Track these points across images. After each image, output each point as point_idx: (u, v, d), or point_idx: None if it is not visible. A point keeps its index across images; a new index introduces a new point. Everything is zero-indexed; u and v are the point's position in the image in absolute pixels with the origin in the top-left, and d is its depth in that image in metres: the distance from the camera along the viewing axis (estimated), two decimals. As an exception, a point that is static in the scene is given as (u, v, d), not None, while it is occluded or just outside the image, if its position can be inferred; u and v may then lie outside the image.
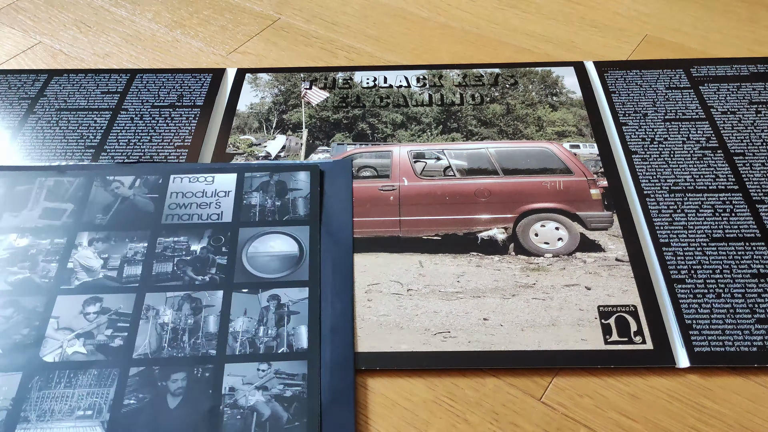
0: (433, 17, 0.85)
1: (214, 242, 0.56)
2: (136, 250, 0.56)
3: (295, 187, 0.61)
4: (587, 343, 0.50)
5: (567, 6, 0.86)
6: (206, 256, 0.56)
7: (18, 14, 0.87)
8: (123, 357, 0.50)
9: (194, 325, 0.51)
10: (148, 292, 0.53)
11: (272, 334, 0.51)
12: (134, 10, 0.87)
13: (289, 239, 0.57)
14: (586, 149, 0.65)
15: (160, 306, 0.53)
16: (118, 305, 0.53)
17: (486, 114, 0.70)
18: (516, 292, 0.54)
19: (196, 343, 0.50)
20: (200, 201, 0.60)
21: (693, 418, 0.47)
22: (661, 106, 0.69)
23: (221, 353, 0.50)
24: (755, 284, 0.53)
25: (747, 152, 0.64)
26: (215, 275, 0.55)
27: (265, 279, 0.54)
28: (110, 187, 0.61)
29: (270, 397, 0.47)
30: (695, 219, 0.58)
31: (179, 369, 0.49)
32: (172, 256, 0.56)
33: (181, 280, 0.54)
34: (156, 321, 0.52)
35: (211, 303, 0.53)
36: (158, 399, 0.47)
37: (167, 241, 0.57)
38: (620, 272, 0.55)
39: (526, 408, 0.48)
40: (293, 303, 0.53)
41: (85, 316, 0.52)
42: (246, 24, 0.84)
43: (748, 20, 0.82)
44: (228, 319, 0.52)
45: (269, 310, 0.52)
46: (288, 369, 0.49)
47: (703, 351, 0.50)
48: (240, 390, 0.48)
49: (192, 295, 0.53)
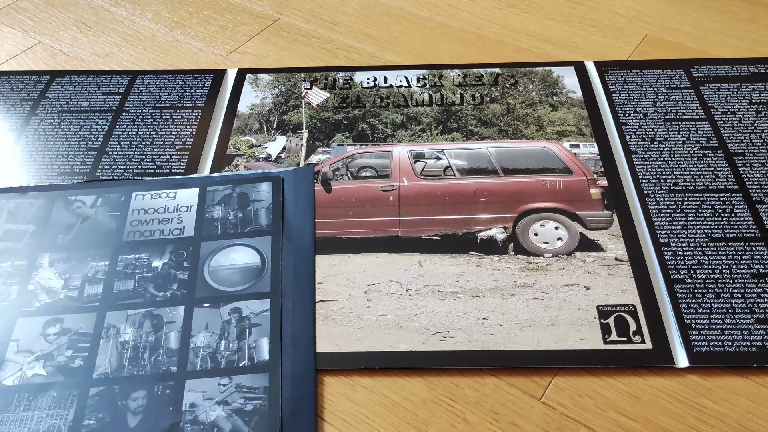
0: (433, 17, 0.85)
1: (175, 257, 0.56)
2: (97, 268, 0.56)
3: (257, 198, 0.61)
4: (586, 342, 0.50)
5: (567, 6, 0.86)
6: (168, 271, 0.56)
7: (18, 14, 0.87)
8: (83, 377, 0.49)
9: (155, 342, 0.51)
10: (109, 311, 0.53)
11: (233, 348, 0.51)
12: (134, 10, 0.88)
13: (250, 251, 0.57)
14: (586, 149, 0.66)
15: (121, 324, 0.52)
16: (78, 325, 0.52)
17: (486, 114, 0.70)
18: (515, 292, 0.54)
19: (157, 360, 0.50)
20: (162, 217, 0.60)
21: (693, 418, 0.47)
22: (661, 106, 0.69)
23: (182, 369, 0.49)
24: (755, 284, 0.54)
25: (747, 152, 0.64)
26: (177, 291, 0.54)
27: (227, 292, 0.54)
28: (72, 207, 0.61)
29: (231, 411, 0.47)
30: (695, 219, 0.58)
31: (140, 387, 0.49)
32: (133, 273, 0.56)
33: (143, 297, 0.54)
34: (117, 339, 0.51)
35: (173, 319, 0.53)
36: (118, 418, 0.47)
37: (128, 258, 0.57)
38: (620, 272, 0.55)
39: (526, 408, 0.48)
40: (255, 315, 0.53)
41: (45, 338, 0.52)
42: (246, 24, 0.84)
43: (748, 20, 0.82)
44: (189, 334, 0.51)
45: (231, 324, 0.52)
46: (249, 382, 0.48)
47: (703, 351, 0.50)
48: (200, 406, 0.47)
49: (153, 311, 0.53)
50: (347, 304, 0.54)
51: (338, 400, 0.49)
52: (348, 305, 0.54)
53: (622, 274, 0.55)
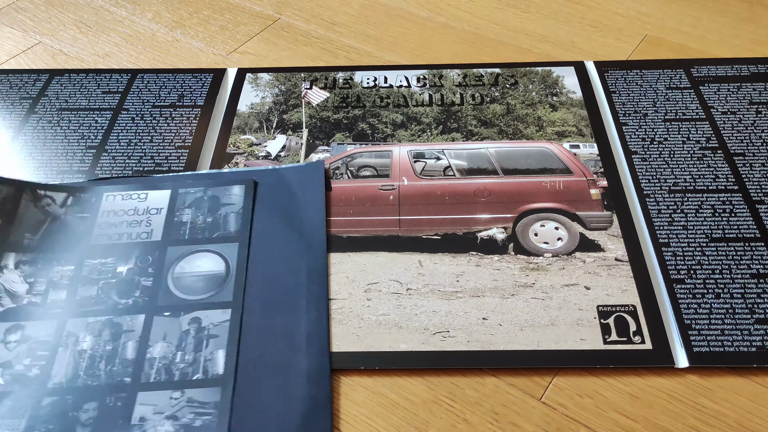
0: (433, 17, 0.85)
1: (140, 263, 0.54)
2: (63, 273, 0.54)
3: (228, 201, 0.59)
4: (586, 342, 0.50)
5: (567, 6, 0.86)
6: (131, 278, 0.53)
7: (18, 14, 0.87)
8: (38, 387, 0.47)
9: (112, 352, 0.49)
10: (70, 318, 0.51)
11: (189, 360, 0.49)
12: (134, 10, 0.87)
13: (216, 258, 0.55)
14: (586, 149, 0.66)
15: (80, 332, 0.50)
16: (39, 333, 0.50)
17: (486, 114, 0.70)
18: (515, 292, 0.54)
19: (112, 371, 0.48)
20: (131, 219, 0.57)
21: (693, 418, 0.47)
22: (661, 106, 0.69)
23: (136, 381, 0.48)
24: (754, 284, 0.53)
25: (747, 152, 0.64)
26: (138, 298, 0.52)
27: (188, 301, 0.52)
28: (41, 203, 0.57)
29: (179, 427, 0.45)
30: (695, 219, 0.58)
31: (92, 398, 0.47)
32: (97, 278, 0.53)
33: (104, 304, 0.52)
34: (75, 348, 0.49)
35: (132, 328, 0.51)
36: (67, 430, 0.45)
37: (94, 263, 0.54)
38: (619, 272, 0.55)
39: (526, 408, 0.48)
40: (214, 326, 0.51)
41: (5, 345, 0.50)
42: (246, 24, 0.84)
43: (748, 20, 0.82)
44: (147, 344, 0.50)
45: (189, 334, 0.50)
46: (200, 396, 0.47)
47: (702, 351, 0.50)
48: (150, 420, 0.46)
49: (113, 320, 0.51)
50: (347, 304, 0.54)
51: (338, 401, 0.49)
52: (348, 304, 0.54)
53: (622, 275, 0.55)
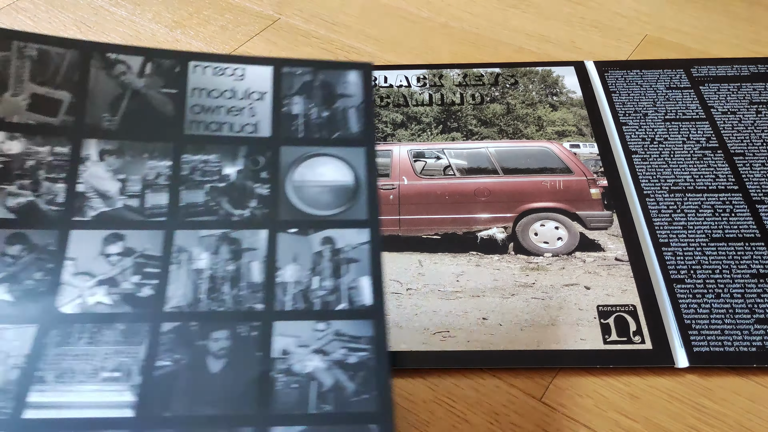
0: (433, 17, 0.85)
1: (251, 164, 0.44)
2: (159, 170, 0.44)
3: (345, 92, 0.47)
4: (586, 342, 0.50)
5: (567, 6, 0.86)
6: (243, 183, 0.44)
7: (18, 14, 0.87)
8: (154, 310, 0.40)
9: (235, 273, 0.41)
10: (177, 230, 0.42)
11: (329, 287, 0.41)
12: (134, 10, 0.87)
13: (341, 164, 0.45)
14: (586, 149, 0.66)
15: (193, 247, 0.42)
16: (144, 245, 0.42)
17: (486, 113, 0.70)
18: (515, 292, 0.54)
19: (238, 296, 0.41)
20: (230, 104, 0.46)
21: (693, 418, 0.47)
22: (662, 105, 0.69)
23: (269, 308, 0.41)
24: (755, 284, 0.53)
25: (747, 152, 0.64)
26: (256, 209, 0.43)
27: (317, 216, 0.43)
28: (114, 70, 0.45)
29: (331, 362, 0.39)
30: (695, 219, 0.58)
31: (221, 326, 0.40)
32: (201, 181, 0.43)
33: (216, 214, 0.43)
34: (189, 267, 0.41)
35: (254, 245, 0.42)
36: (197, 361, 0.39)
37: (194, 159, 0.44)
38: (620, 272, 0.55)
39: (526, 408, 0.48)
40: (351, 248, 0.42)
41: (106, 258, 0.42)
42: (246, 24, 0.84)
43: (749, 20, 0.82)
44: (275, 266, 0.42)
45: (323, 257, 0.42)
46: (350, 330, 0.40)
47: (702, 351, 0.50)
48: (294, 353, 0.39)
49: (230, 234, 0.42)
50: (347, 304, 0.54)
51: (338, 400, 0.49)
52: (348, 305, 0.54)
53: (622, 274, 0.55)
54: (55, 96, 0.44)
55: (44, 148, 0.43)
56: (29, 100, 0.44)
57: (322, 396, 0.38)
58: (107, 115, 0.44)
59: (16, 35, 0.45)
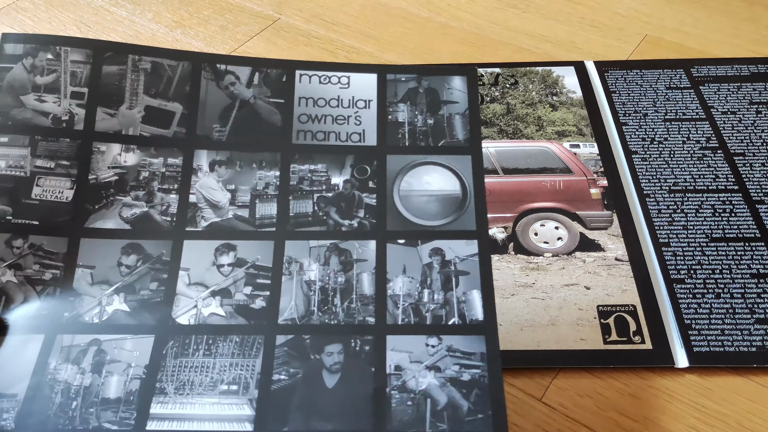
0: (434, 17, 0.85)
1: (358, 174, 0.44)
2: (268, 180, 0.44)
3: (450, 99, 0.47)
4: (586, 342, 0.50)
5: (567, 6, 0.86)
6: (352, 192, 0.44)
7: (18, 14, 0.87)
8: (267, 322, 0.40)
9: (346, 285, 0.41)
10: (287, 240, 0.42)
11: (439, 300, 0.41)
12: (134, 10, 0.87)
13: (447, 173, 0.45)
14: (586, 149, 0.66)
15: (303, 258, 0.42)
16: (254, 256, 0.42)
17: (486, 113, 0.70)
18: (515, 292, 0.54)
19: (350, 308, 0.41)
20: (336, 113, 0.46)
21: (693, 418, 0.47)
22: (662, 105, 0.69)
23: (380, 321, 0.40)
24: (754, 284, 0.53)
25: (747, 152, 0.64)
26: (364, 220, 0.43)
27: (425, 227, 0.43)
28: (224, 81, 0.46)
29: (444, 380, 0.38)
30: (695, 219, 0.58)
31: (334, 339, 0.39)
32: (310, 191, 0.44)
33: (325, 224, 0.43)
34: (301, 278, 0.41)
35: (363, 256, 0.42)
36: (313, 375, 0.38)
37: (302, 169, 0.44)
38: (620, 272, 0.55)
39: (526, 408, 0.48)
40: (460, 260, 0.42)
41: (218, 269, 0.42)
42: (246, 24, 0.84)
43: (749, 20, 0.82)
44: (385, 278, 0.41)
45: (433, 269, 0.42)
46: (463, 346, 0.39)
47: (702, 351, 0.50)
48: (408, 369, 0.38)
49: (339, 245, 0.42)
50: (347, 304, 0.54)
51: (338, 400, 0.49)
52: (348, 305, 0.54)
53: (622, 274, 0.55)
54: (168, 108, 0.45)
55: (158, 159, 0.44)
56: (144, 112, 0.45)
57: (437, 414, 0.37)
58: (217, 125, 0.45)
59: (132, 49, 0.47)
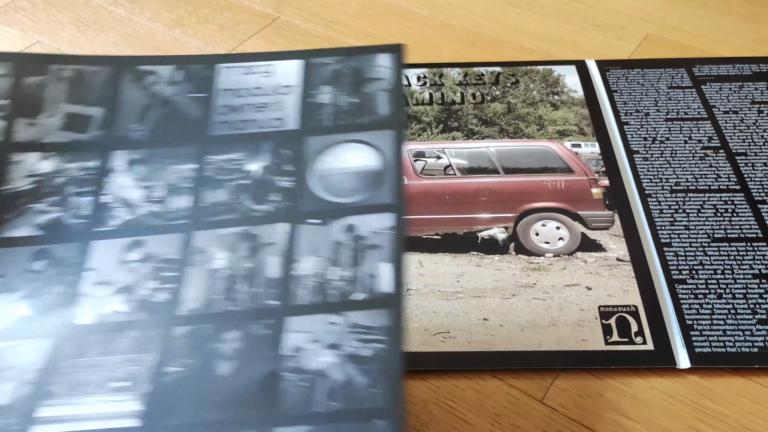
0: (434, 16, 0.84)
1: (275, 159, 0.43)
2: (183, 173, 0.43)
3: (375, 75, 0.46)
4: (587, 343, 0.50)
5: (568, 5, 0.85)
6: (266, 177, 0.43)
7: (16, 13, 0.87)
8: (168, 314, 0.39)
9: (252, 270, 0.40)
10: (196, 230, 0.42)
11: (347, 277, 0.39)
12: (133, 9, 0.87)
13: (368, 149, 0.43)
14: (588, 148, 0.65)
15: (211, 247, 0.41)
16: (163, 249, 0.41)
17: (487, 113, 0.70)
18: (516, 292, 0.54)
19: (254, 293, 0.40)
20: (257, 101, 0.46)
21: (694, 419, 0.47)
22: (663, 105, 0.69)
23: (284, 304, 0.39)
24: (757, 285, 0.53)
25: (749, 152, 0.64)
26: (279, 203, 0.42)
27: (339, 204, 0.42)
28: (145, 81, 0.46)
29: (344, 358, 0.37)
30: (697, 219, 0.58)
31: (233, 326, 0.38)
32: (224, 180, 0.43)
33: (236, 212, 0.42)
34: (207, 267, 0.41)
35: (272, 240, 0.41)
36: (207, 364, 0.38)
37: (218, 159, 0.44)
38: (621, 272, 0.55)
39: (527, 409, 0.48)
40: (375, 234, 0.40)
41: (126, 266, 0.42)
42: (245, 23, 0.84)
43: (750, 19, 0.81)
44: (293, 259, 0.40)
45: (344, 246, 0.41)
46: (366, 321, 0.38)
47: (704, 352, 0.49)
48: (306, 350, 0.37)
49: (250, 231, 0.41)
50: (347, 305, 0.53)
51: (338, 401, 0.48)
52: (348, 305, 0.53)
53: (624, 275, 0.55)
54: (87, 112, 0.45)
55: (74, 164, 0.44)
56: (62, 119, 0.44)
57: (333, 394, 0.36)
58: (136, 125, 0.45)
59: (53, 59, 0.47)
